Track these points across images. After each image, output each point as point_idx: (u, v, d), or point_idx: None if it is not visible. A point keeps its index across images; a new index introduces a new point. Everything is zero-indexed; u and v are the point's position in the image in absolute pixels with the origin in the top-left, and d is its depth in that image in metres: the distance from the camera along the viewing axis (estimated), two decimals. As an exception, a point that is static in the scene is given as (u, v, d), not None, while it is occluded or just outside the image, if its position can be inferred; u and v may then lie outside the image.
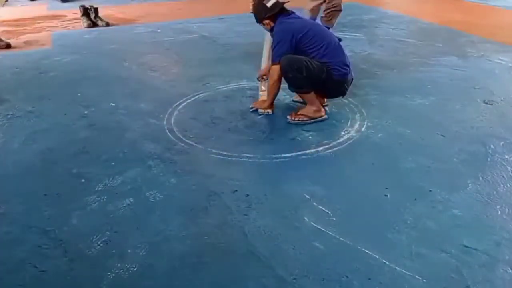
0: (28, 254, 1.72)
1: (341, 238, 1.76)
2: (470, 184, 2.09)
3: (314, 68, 2.61)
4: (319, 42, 2.64)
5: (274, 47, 2.69)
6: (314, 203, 1.97)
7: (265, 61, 3.04)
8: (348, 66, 2.72)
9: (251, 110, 2.92)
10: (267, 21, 2.74)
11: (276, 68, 2.69)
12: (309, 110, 2.74)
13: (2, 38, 4.66)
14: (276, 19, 2.70)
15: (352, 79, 2.81)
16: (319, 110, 2.75)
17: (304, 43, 2.62)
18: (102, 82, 3.56)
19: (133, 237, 1.80)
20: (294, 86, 2.75)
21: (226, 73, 3.64)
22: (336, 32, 3.63)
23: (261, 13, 2.73)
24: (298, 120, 2.73)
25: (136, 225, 1.87)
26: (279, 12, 2.69)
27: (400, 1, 6.59)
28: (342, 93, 2.84)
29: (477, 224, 1.83)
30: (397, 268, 1.60)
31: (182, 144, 2.53)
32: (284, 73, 2.66)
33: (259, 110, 2.88)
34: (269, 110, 2.86)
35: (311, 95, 2.72)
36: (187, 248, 1.73)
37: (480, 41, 4.40)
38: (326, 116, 2.77)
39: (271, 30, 2.78)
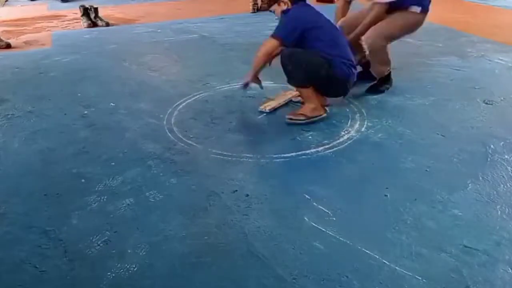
0: (28, 254, 1.72)
1: (341, 238, 1.76)
2: (470, 184, 2.09)
3: (314, 63, 2.60)
4: (328, 36, 2.66)
5: (280, 26, 2.66)
6: (314, 203, 1.97)
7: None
8: (353, 65, 2.72)
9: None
10: (285, 0, 2.69)
11: (272, 41, 2.63)
12: (307, 109, 2.72)
13: (2, 38, 4.66)
14: (294, 3, 2.68)
15: (355, 80, 2.81)
16: (317, 109, 2.73)
17: (313, 34, 2.61)
18: (102, 82, 3.57)
19: (133, 237, 1.80)
20: (293, 80, 2.72)
21: (226, 73, 3.64)
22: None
23: None
24: (296, 120, 2.72)
25: (136, 225, 1.87)
26: None
27: (400, 1, 6.58)
28: (343, 93, 2.84)
29: (477, 224, 1.83)
30: (397, 268, 1.60)
31: (182, 144, 2.53)
32: (283, 65, 2.65)
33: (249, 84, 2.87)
34: (249, 81, 2.82)
35: (310, 92, 2.68)
36: (187, 248, 1.73)
37: (480, 41, 4.40)
38: (325, 115, 2.75)
39: (282, 12, 2.71)
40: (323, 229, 1.81)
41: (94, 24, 5.43)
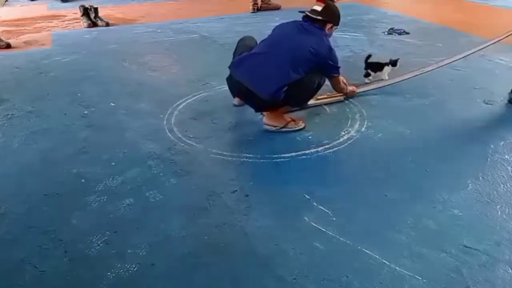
0: (28, 254, 1.72)
1: (341, 238, 1.76)
2: (470, 184, 2.09)
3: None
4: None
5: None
6: (314, 203, 1.97)
7: None
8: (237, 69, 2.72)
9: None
10: None
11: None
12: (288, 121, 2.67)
13: (2, 38, 4.66)
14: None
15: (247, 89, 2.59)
16: (293, 121, 2.66)
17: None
18: (102, 82, 3.56)
19: (133, 237, 1.80)
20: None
21: (226, 73, 3.61)
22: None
23: None
24: (271, 126, 2.65)
25: (136, 225, 1.87)
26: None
27: (399, 1, 6.60)
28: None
29: (477, 224, 1.83)
30: (397, 268, 1.60)
31: (182, 144, 2.53)
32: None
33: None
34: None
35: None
36: (187, 248, 1.73)
37: (480, 41, 4.39)
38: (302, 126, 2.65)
39: None
40: (323, 229, 1.81)
41: (94, 24, 5.43)
